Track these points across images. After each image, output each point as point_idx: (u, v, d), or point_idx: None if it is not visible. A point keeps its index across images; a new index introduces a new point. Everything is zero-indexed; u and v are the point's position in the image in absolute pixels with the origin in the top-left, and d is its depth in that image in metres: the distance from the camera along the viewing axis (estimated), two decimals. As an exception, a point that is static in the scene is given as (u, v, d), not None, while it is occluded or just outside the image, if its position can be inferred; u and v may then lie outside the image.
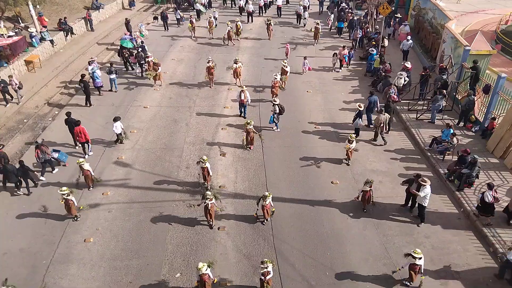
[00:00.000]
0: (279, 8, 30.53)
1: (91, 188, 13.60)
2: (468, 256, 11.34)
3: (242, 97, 17.22)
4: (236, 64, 19.71)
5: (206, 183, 13.54)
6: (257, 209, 12.28)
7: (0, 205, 13.03)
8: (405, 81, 18.41)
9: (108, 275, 10.81)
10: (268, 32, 26.28)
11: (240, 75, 20.08)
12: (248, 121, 15.23)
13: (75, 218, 12.42)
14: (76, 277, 10.76)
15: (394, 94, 17.43)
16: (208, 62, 19.90)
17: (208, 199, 11.63)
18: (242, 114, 17.79)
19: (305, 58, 21.60)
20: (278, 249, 11.56)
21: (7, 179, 13.36)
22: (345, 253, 11.44)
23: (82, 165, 13.16)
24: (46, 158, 13.92)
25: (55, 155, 14.49)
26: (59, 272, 10.88)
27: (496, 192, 12.02)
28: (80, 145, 15.30)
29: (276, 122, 16.72)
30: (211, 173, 13.45)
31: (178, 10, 29.89)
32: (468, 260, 11.21)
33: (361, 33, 25.05)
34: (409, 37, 22.01)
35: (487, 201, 11.70)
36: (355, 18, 26.67)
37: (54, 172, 14.47)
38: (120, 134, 15.74)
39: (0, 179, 13.62)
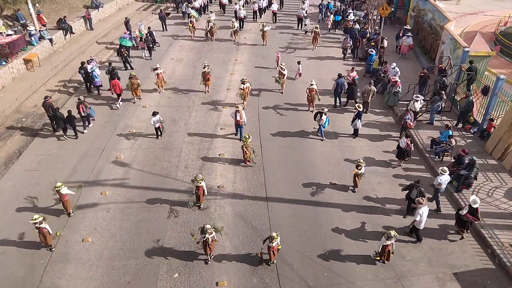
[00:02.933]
0: (274, 14, 29.86)
1: (72, 215, 12.54)
2: (466, 257, 11.37)
3: (238, 118, 15.59)
4: (244, 84, 17.87)
5: (200, 203, 12.81)
6: (262, 249, 11.21)
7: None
8: (421, 104, 16.59)
9: (106, 275, 10.80)
10: (263, 38, 25.49)
11: (247, 96, 18.28)
12: (247, 136, 14.47)
13: (50, 248, 11.37)
14: (74, 277, 10.74)
15: (410, 121, 15.60)
16: (204, 68, 19.25)
17: (208, 233, 10.55)
18: (239, 135, 16.20)
19: (298, 63, 21.03)
20: (277, 249, 11.56)
21: (56, 124, 15.84)
22: (343, 254, 11.45)
23: (60, 189, 11.96)
24: (88, 112, 16.35)
25: (88, 111, 16.71)
26: (56, 272, 10.86)
27: (411, 142, 14.49)
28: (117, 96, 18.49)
29: (322, 131, 16.27)
30: (206, 193, 12.75)
31: (185, 3, 29.95)
32: (466, 262, 11.24)
33: (351, 43, 23.59)
34: (394, 64, 19.24)
35: (401, 146, 14.41)
36: (355, 26, 25.33)
37: (90, 126, 16.74)
38: (159, 128, 16.05)
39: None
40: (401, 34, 24.00)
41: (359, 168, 13.20)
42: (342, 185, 14.00)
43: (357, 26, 25.49)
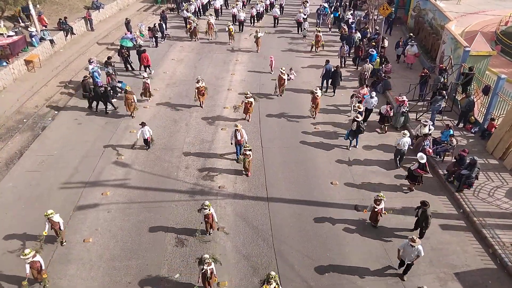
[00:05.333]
0: (275, 19, 29.16)
1: (64, 244, 11.62)
2: (467, 257, 11.36)
3: (239, 137, 14.55)
4: (248, 98, 16.87)
5: (211, 230, 11.87)
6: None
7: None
8: (429, 129, 15.25)
9: (107, 276, 10.81)
10: (257, 45, 24.67)
11: (251, 110, 17.31)
12: (246, 145, 14.03)
13: (44, 285, 10.34)
14: (75, 278, 10.76)
15: (429, 147, 14.58)
16: (197, 82, 17.96)
17: (207, 264, 9.70)
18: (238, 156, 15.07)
19: (291, 69, 20.68)
20: (277, 249, 11.56)
21: (93, 99, 18.01)
22: (344, 254, 11.45)
23: (51, 217, 11.04)
24: (114, 84, 18.98)
25: (119, 84, 19.40)
26: (58, 273, 10.87)
27: (390, 108, 16.43)
28: (143, 68, 21.38)
29: (351, 139, 15.62)
30: (216, 219, 11.73)
31: (185, 4, 29.78)
32: (467, 261, 11.23)
33: (347, 49, 22.31)
34: (373, 94, 17.04)
35: (382, 112, 16.33)
36: (355, 35, 23.69)
37: (117, 96, 18.95)
38: (147, 140, 15.45)
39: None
40: (401, 43, 22.55)
41: (378, 203, 11.79)
42: (343, 185, 13.99)
43: (358, 34, 23.84)
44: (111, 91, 18.46)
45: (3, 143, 16.12)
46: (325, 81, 19.76)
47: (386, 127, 16.73)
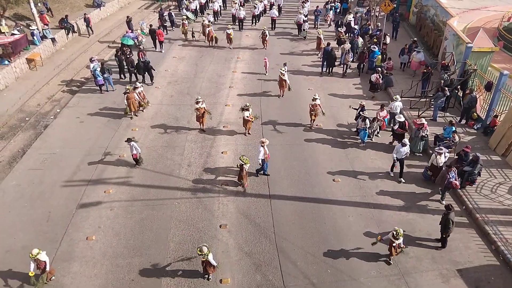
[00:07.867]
0: (273, 20, 28.55)
1: (52, 279, 10.75)
2: (469, 253, 11.35)
3: (268, 152, 13.96)
4: (248, 111, 15.91)
5: (208, 275, 10.66)
6: None
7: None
8: (445, 157, 13.54)
9: (110, 273, 10.85)
10: (263, 43, 24.78)
11: (250, 123, 16.33)
12: (244, 159, 13.12)
13: None
14: (79, 275, 10.80)
15: (455, 179, 12.67)
16: (197, 103, 16.12)
17: None
18: (264, 172, 14.30)
19: (284, 64, 20.15)
20: (280, 246, 11.58)
21: (137, 72, 20.16)
22: (346, 251, 11.45)
23: (38, 257, 10.13)
24: (146, 59, 20.41)
25: (148, 60, 20.77)
26: (61, 270, 10.91)
27: (380, 76, 18.13)
28: (159, 44, 24.19)
29: (366, 137, 15.61)
30: (214, 264, 10.33)
31: (184, 2, 29.77)
32: (470, 258, 11.22)
33: (352, 56, 21.35)
34: (406, 140, 13.97)
35: (372, 80, 18.25)
36: (358, 40, 22.62)
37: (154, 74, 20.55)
38: (135, 158, 14.61)
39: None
40: (406, 50, 21.32)
41: (398, 238, 10.70)
42: (345, 182, 13.98)
43: (360, 39, 22.82)
44: (145, 64, 20.17)
45: (5, 141, 16.16)
46: (325, 62, 21.33)
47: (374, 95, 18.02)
